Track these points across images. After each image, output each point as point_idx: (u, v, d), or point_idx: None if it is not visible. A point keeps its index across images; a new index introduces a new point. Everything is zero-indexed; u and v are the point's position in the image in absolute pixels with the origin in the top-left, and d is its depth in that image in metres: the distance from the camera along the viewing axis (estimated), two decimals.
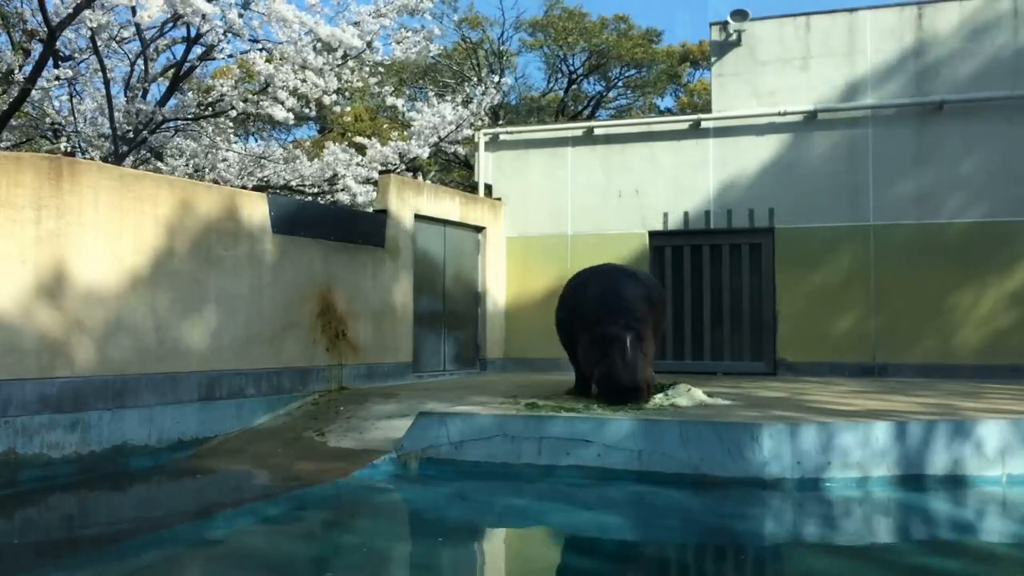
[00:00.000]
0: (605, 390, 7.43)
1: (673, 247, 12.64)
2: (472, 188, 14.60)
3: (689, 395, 7.87)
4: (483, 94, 16.09)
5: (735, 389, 9.20)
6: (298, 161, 15.42)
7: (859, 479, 5.97)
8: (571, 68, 27.82)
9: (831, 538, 5.10)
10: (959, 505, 5.80)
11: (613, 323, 7.49)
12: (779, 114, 12.07)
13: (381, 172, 14.39)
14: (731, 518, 5.50)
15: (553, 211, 13.13)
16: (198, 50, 13.24)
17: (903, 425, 6.15)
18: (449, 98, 16.47)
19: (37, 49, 12.03)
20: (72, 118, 13.69)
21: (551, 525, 5.43)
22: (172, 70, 13.75)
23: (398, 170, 15.16)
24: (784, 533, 5.29)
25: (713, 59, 12.72)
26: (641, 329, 7.54)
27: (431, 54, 15.52)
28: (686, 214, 12.47)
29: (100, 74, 12.46)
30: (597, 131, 13.20)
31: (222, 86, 13.57)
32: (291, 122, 13.27)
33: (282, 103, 12.52)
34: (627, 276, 8.22)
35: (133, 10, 10.43)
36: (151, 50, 13.37)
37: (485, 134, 13.71)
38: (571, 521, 5.45)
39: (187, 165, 15.13)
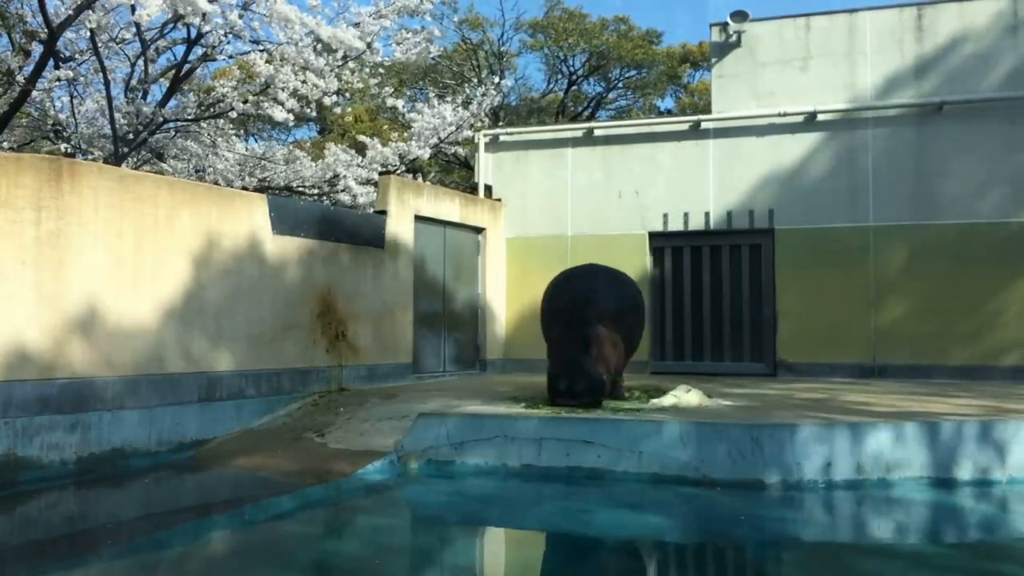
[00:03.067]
0: (549, 390, 7.63)
1: (673, 248, 12.64)
2: (472, 189, 14.60)
3: (689, 396, 7.88)
4: (483, 95, 16.10)
5: (739, 390, 9.20)
6: (299, 162, 15.42)
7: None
8: (571, 69, 27.83)
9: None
10: None
11: (560, 327, 7.81)
12: (779, 115, 12.07)
13: (381, 173, 14.39)
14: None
15: (553, 212, 13.13)
16: (198, 51, 13.26)
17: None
18: (449, 99, 16.47)
19: (38, 50, 12.04)
20: (73, 119, 13.70)
21: (550, 526, 5.43)
22: (172, 71, 13.76)
23: (398, 171, 15.17)
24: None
25: (713, 60, 12.72)
26: (592, 333, 7.56)
27: (431, 55, 15.54)
28: (686, 215, 12.47)
29: (101, 75, 12.46)
30: (597, 132, 13.20)
31: (222, 87, 13.58)
32: (291, 123, 13.27)
33: (282, 104, 12.53)
34: (599, 280, 8.26)
35: (132, 8, 10.44)
36: (151, 51, 13.38)
37: (485, 135, 13.71)
38: (569, 522, 5.45)
39: (188, 166, 15.14)
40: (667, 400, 7.75)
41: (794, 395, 8.66)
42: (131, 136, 12.70)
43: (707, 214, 12.38)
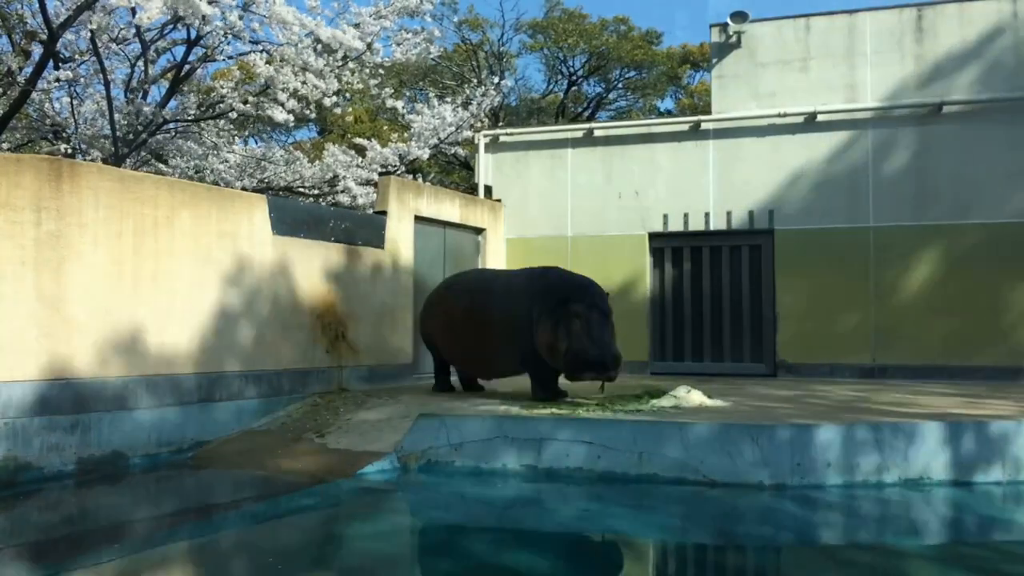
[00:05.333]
0: (573, 365, 7.33)
1: (673, 248, 12.64)
2: (472, 190, 14.60)
3: (689, 397, 7.87)
4: (483, 96, 16.09)
5: (739, 390, 9.19)
6: (298, 163, 15.42)
7: None
8: (571, 70, 27.84)
9: None
10: None
11: (579, 301, 7.51)
12: (779, 116, 12.08)
13: (381, 174, 14.39)
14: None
15: (553, 213, 13.13)
16: (198, 51, 13.26)
17: None
18: (449, 100, 16.47)
19: (37, 51, 12.04)
20: (72, 120, 13.70)
21: (550, 527, 5.43)
22: (172, 72, 13.76)
23: (398, 172, 15.17)
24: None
25: (713, 61, 12.72)
26: (605, 308, 7.59)
27: (431, 56, 15.54)
28: (686, 216, 12.48)
29: (100, 76, 12.47)
30: (597, 133, 13.21)
31: (222, 87, 13.58)
32: (291, 124, 13.26)
33: (282, 105, 12.53)
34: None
35: (133, 11, 10.44)
36: (151, 52, 13.38)
37: (485, 136, 13.71)
38: (569, 523, 5.45)
39: (188, 167, 15.14)
40: (667, 401, 7.75)
41: (795, 395, 8.66)
42: (131, 137, 12.70)
43: (707, 215, 12.39)
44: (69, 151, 13.32)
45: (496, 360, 8.52)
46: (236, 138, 16.17)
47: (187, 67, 13.37)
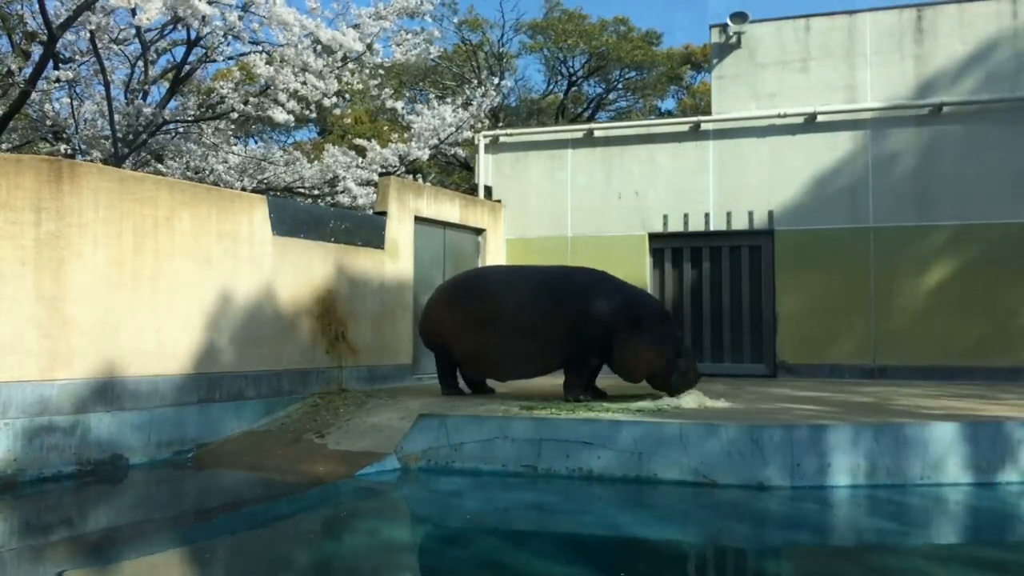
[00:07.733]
0: (685, 383, 8.01)
1: (673, 249, 12.64)
2: (472, 190, 14.60)
3: (689, 398, 7.87)
4: (483, 96, 16.09)
5: (740, 391, 9.19)
6: (298, 163, 15.43)
7: None
8: (571, 70, 27.83)
9: None
10: None
11: (670, 319, 8.33)
12: (779, 116, 12.08)
13: (381, 174, 14.39)
14: None
15: (553, 213, 13.13)
16: (198, 52, 13.27)
17: None
18: (449, 100, 16.48)
19: (37, 51, 12.05)
20: (72, 120, 13.71)
21: (550, 527, 5.43)
22: (172, 72, 13.77)
23: (398, 172, 15.17)
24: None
25: (713, 61, 12.72)
26: None
27: (431, 56, 15.55)
28: (686, 216, 12.47)
29: (100, 76, 12.47)
30: (597, 133, 13.20)
31: (222, 88, 13.59)
32: (291, 124, 13.27)
33: (282, 105, 12.54)
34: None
35: (133, 12, 10.45)
36: (151, 52, 13.39)
37: (485, 136, 13.71)
38: (569, 524, 5.45)
39: (187, 167, 15.14)
40: (668, 402, 7.75)
41: (796, 396, 8.66)
42: (131, 137, 12.70)
43: (707, 215, 12.38)
44: (69, 152, 13.32)
45: (531, 359, 8.36)
46: (236, 139, 16.17)
47: (187, 68, 13.38)
